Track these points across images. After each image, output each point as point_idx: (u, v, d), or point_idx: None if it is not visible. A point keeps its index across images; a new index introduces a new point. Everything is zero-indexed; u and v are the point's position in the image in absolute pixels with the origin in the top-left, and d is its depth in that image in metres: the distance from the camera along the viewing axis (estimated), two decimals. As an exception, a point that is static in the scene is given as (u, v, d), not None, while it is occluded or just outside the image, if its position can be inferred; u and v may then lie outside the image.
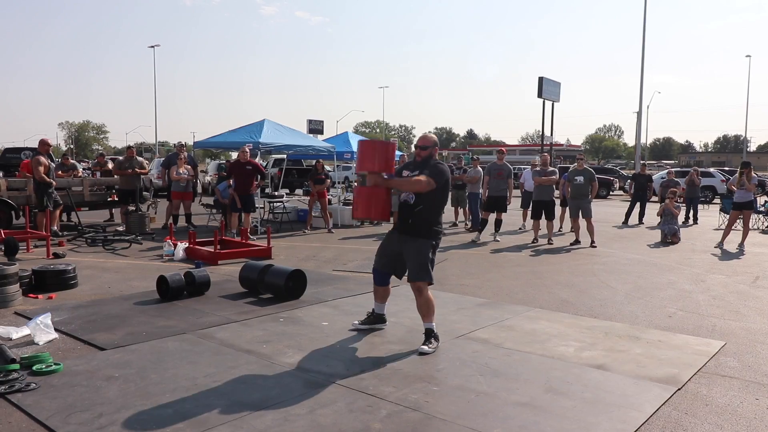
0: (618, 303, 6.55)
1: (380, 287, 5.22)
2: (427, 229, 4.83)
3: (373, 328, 5.29)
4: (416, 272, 4.81)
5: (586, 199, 11.26)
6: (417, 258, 4.80)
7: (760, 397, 3.90)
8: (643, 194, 15.85)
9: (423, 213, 4.80)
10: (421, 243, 4.81)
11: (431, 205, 4.82)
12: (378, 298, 5.30)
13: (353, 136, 16.10)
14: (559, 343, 4.98)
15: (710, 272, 8.57)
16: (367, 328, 5.28)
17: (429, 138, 5.02)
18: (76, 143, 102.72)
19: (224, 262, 8.58)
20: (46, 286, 6.53)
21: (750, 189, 11.13)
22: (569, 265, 8.95)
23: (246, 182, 10.94)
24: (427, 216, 4.82)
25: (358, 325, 5.31)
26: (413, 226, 4.84)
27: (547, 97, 35.71)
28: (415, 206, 4.81)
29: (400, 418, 3.46)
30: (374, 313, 5.35)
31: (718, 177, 26.36)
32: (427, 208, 4.81)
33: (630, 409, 3.65)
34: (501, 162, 11.92)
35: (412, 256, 4.82)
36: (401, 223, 4.95)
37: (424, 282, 4.80)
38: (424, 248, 4.81)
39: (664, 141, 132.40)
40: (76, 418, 3.39)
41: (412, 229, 4.84)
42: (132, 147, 12.95)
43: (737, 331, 5.47)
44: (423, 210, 4.80)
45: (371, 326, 5.30)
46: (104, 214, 14.33)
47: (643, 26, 34.52)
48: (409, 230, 4.87)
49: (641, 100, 33.86)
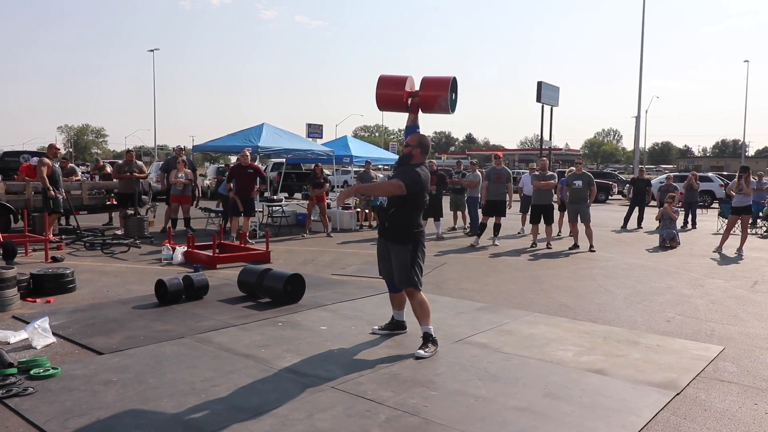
0: (617, 307, 6.55)
1: (393, 294, 5.22)
2: (403, 232, 4.81)
3: (392, 333, 5.25)
4: (399, 279, 4.85)
5: (585, 203, 11.27)
6: (398, 264, 4.83)
7: (758, 402, 3.90)
8: (641, 199, 15.87)
9: (397, 216, 4.78)
10: (398, 249, 4.83)
11: (404, 208, 4.76)
12: (394, 305, 5.29)
13: (352, 140, 16.12)
14: (558, 347, 4.97)
15: (709, 277, 8.57)
16: (386, 333, 5.26)
17: (413, 137, 4.94)
18: (75, 147, 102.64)
19: (223, 266, 8.57)
20: (44, 290, 6.51)
21: (748, 193, 11.15)
22: (568, 270, 8.95)
23: (247, 186, 10.94)
24: (401, 219, 4.78)
25: (378, 330, 5.30)
26: (390, 230, 4.86)
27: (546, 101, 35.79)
28: (388, 209, 4.84)
29: (398, 422, 3.46)
30: (393, 320, 5.33)
31: (717, 181, 26.36)
32: (400, 212, 4.77)
33: (629, 414, 3.64)
34: (500, 166, 11.93)
35: (395, 262, 4.85)
36: (381, 226, 5.04)
37: (411, 287, 4.81)
38: (402, 254, 4.81)
39: (662, 145, 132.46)
40: (73, 422, 3.38)
41: (390, 233, 4.87)
42: (131, 150, 12.95)
43: (736, 336, 5.47)
44: (396, 213, 4.78)
45: (390, 332, 5.27)
46: (103, 218, 14.32)
47: (641, 31, 34.64)
48: (389, 235, 4.89)
49: (640, 105, 33.97)
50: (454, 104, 5.37)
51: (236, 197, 10.94)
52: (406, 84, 5.38)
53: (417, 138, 4.93)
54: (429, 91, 5.28)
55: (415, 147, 4.84)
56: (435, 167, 13.81)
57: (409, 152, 4.85)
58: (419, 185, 4.72)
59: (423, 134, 5.08)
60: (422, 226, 4.94)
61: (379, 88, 5.39)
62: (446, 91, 5.20)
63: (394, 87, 5.38)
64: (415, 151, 4.84)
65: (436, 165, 14.12)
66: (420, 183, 4.72)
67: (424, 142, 4.93)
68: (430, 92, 5.27)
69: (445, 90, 5.20)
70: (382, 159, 17.27)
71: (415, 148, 4.84)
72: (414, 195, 4.69)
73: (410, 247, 4.80)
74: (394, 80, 5.40)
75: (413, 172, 4.73)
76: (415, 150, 4.83)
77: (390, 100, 5.43)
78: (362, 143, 17.14)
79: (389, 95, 5.39)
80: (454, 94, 5.32)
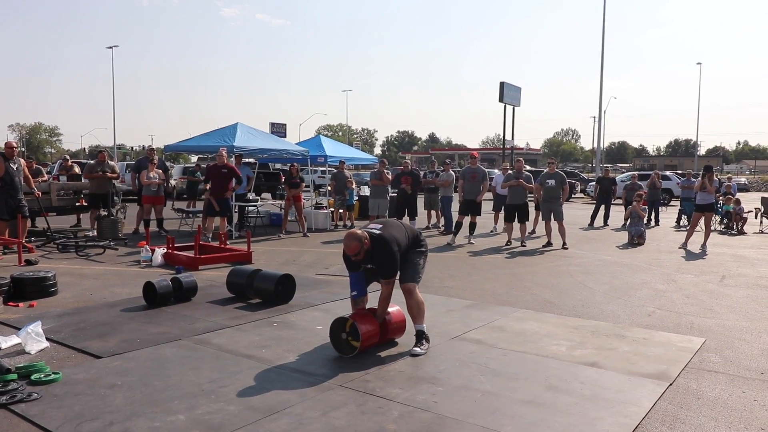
0: (598, 303, 6.77)
1: (361, 298, 5.16)
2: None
3: None
4: (408, 277, 4.91)
5: (558, 201, 11.56)
6: (409, 264, 4.93)
7: (746, 390, 4.12)
8: (607, 197, 16.33)
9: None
10: (411, 253, 4.96)
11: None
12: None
13: (325, 140, 16.09)
14: (551, 342, 5.13)
15: (679, 272, 8.92)
16: None
17: (352, 246, 4.61)
18: (27, 146, 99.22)
19: (204, 267, 8.49)
20: (26, 294, 6.36)
21: (711, 191, 11.62)
22: (546, 267, 9.18)
23: (222, 186, 10.86)
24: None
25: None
26: None
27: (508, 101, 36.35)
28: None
29: (412, 418, 3.54)
30: None
31: (675, 180, 27.30)
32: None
33: (629, 404, 3.81)
34: (475, 165, 12.13)
35: (407, 263, 4.93)
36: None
37: (415, 283, 4.91)
38: (415, 256, 4.97)
39: (619, 145, 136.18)
40: (87, 426, 3.35)
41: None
42: (103, 151, 12.66)
43: (714, 328, 5.74)
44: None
45: None
46: (71, 220, 13.97)
47: (602, 31, 35.48)
48: None
49: (601, 105, 34.82)
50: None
51: (211, 197, 10.85)
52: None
53: (354, 246, 4.61)
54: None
55: (361, 249, 4.59)
56: (410, 167, 13.93)
57: (362, 254, 4.62)
58: (399, 249, 4.73)
59: (350, 239, 4.67)
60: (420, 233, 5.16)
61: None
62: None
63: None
64: (364, 247, 4.60)
65: (410, 165, 14.22)
66: (396, 253, 4.70)
67: (359, 238, 4.62)
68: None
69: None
70: (355, 159, 17.31)
71: (361, 249, 4.59)
72: (409, 244, 4.90)
73: (423, 248, 5.06)
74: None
75: (387, 250, 4.65)
76: (362, 247, 4.59)
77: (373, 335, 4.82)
78: (336, 143, 17.13)
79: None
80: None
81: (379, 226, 4.83)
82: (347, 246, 4.64)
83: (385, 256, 4.69)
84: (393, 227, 4.88)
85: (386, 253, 4.67)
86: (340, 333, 4.70)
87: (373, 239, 4.67)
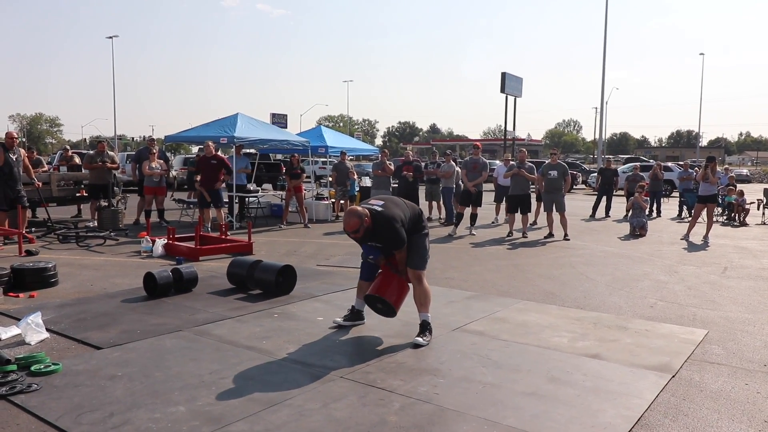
0: (600, 294, 6.75)
1: (366, 282, 5.19)
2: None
3: (355, 324, 5.26)
4: (415, 263, 4.89)
5: (560, 192, 11.52)
6: (415, 250, 4.89)
7: (749, 382, 4.10)
8: (609, 188, 16.27)
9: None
10: (415, 237, 4.89)
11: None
12: (361, 294, 5.23)
13: (327, 130, 16.02)
14: (553, 334, 5.11)
15: (681, 263, 8.89)
16: (350, 324, 5.24)
17: (351, 223, 4.58)
18: (28, 137, 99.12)
19: (205, 257, 8.48)
20: (26, 285, 6.34)
21: (714, 182, 11.56)
22: (547, 258, 9.15)
23: (212, 177, 10.80)
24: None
25: (342, 323, 5.23)
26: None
27: (509, 92, 36.20)
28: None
29: (414, 410, 3.52)
30: (354, 310, 5.31)
31: (677, 171, 27.19)
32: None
33: (631, 396, 3.79)
34: (477, 156, 12.09)
35: (410, 249, 4.89)
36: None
37: (422, 270, 4.89)
38: (419, 240, 4.91)
39: (620, 136, 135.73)
40: (87, 418, 3.34)
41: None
42: (103, 141, 12.59)
43: (717, 320, 5.71)
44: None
45: (353, 323, 5.26)
46: (71, 210, 13.95)
47: (605, 21, 35.29)
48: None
49: (603, 95, 34.66)
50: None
51: (202, 189, 10.82)
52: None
53: (353, 222, 4.58)
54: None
55: (360, 226, 4.56)
56: (410, 158, 13.88)
57: (362, 232, 4.59)
58: (403, 225, 4.69)
59: (350, 215, 4.65)
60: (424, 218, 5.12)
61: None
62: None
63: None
64: (363, 226, 4.57)
65: (412, 156, 14.16)
66: (401, 227, 4.66)
67: (360, 215, 4.58)
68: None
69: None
70: (356, 149, 17.24)
71: (361, 226, 4.55)
72: (410, 228, 4.82)
73: (426, 229, 5.03)
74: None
75: (389, 228, 4.61)
76: (361, 228, 4.56)
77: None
78: (336, 133, 17.06)
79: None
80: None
81: (380, 203, 4.77)
82: (347, 222, 4.60)
83: (388, 235, 4.66)
84: (395, 204, 4.86)
85: (389, 231, 4.64)
86: (376, 305, 5.00)
87: (374, 216, 4.64)
